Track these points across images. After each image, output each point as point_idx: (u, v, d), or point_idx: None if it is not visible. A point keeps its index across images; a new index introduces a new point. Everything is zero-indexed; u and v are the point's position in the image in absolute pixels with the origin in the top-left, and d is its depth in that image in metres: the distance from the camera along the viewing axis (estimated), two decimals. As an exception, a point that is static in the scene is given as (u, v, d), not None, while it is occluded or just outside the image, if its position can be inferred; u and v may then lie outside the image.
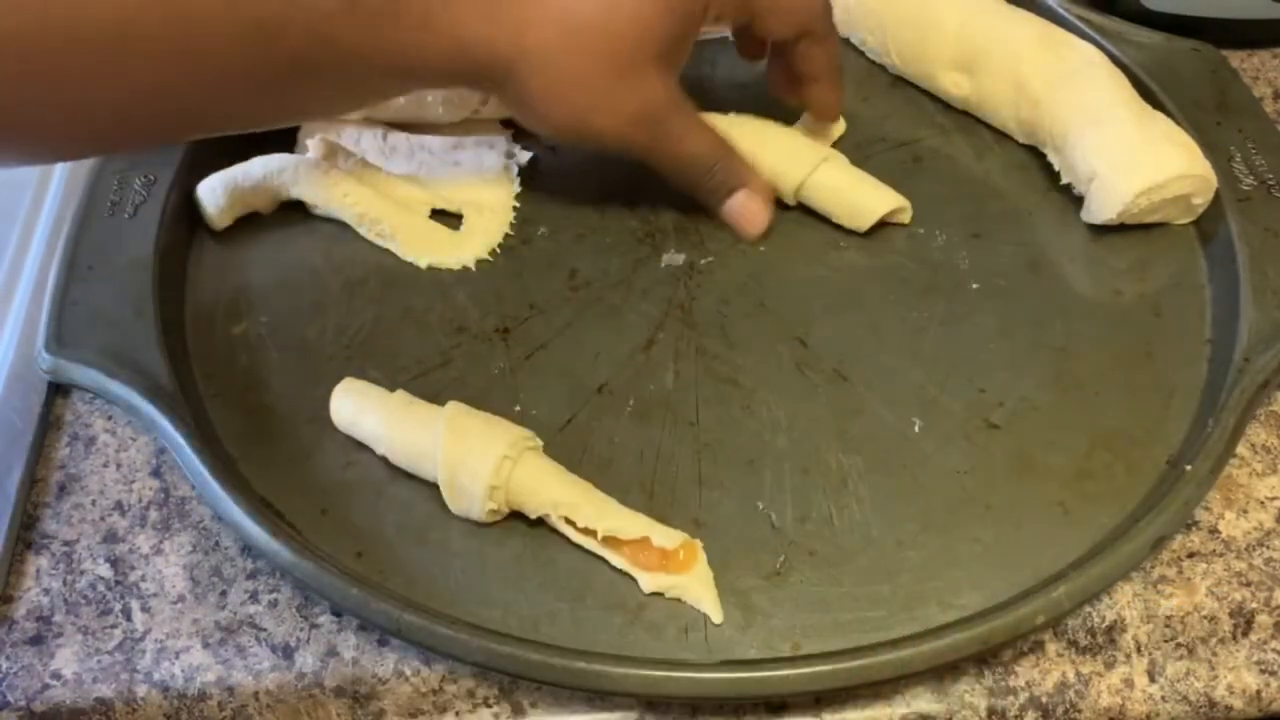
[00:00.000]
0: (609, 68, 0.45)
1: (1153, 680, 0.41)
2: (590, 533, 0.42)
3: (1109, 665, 0.41)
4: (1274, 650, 0.42)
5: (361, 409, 0.45)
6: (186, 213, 0.53)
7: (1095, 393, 0.47)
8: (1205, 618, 0.42)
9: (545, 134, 0.49)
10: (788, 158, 0.53)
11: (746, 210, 0.51)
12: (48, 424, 0.48)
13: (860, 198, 0.53)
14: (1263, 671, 0.41)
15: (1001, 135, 0.57)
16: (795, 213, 0.54)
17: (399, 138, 0.56)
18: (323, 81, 0.42)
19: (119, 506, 0.46)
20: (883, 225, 0.53)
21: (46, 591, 0.43)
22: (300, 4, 0.39)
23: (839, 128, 0.57)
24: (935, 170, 0.56)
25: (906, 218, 0.53)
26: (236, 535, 0.44)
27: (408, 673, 0.41)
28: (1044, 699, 0.41)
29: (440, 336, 0.50)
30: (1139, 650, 0.42)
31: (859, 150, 0.56)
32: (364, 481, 0.45)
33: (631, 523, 0.42)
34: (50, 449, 0.47)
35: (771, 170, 0.53)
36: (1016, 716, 0.41)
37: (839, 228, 0.53)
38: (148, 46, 0.37)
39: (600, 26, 0.44)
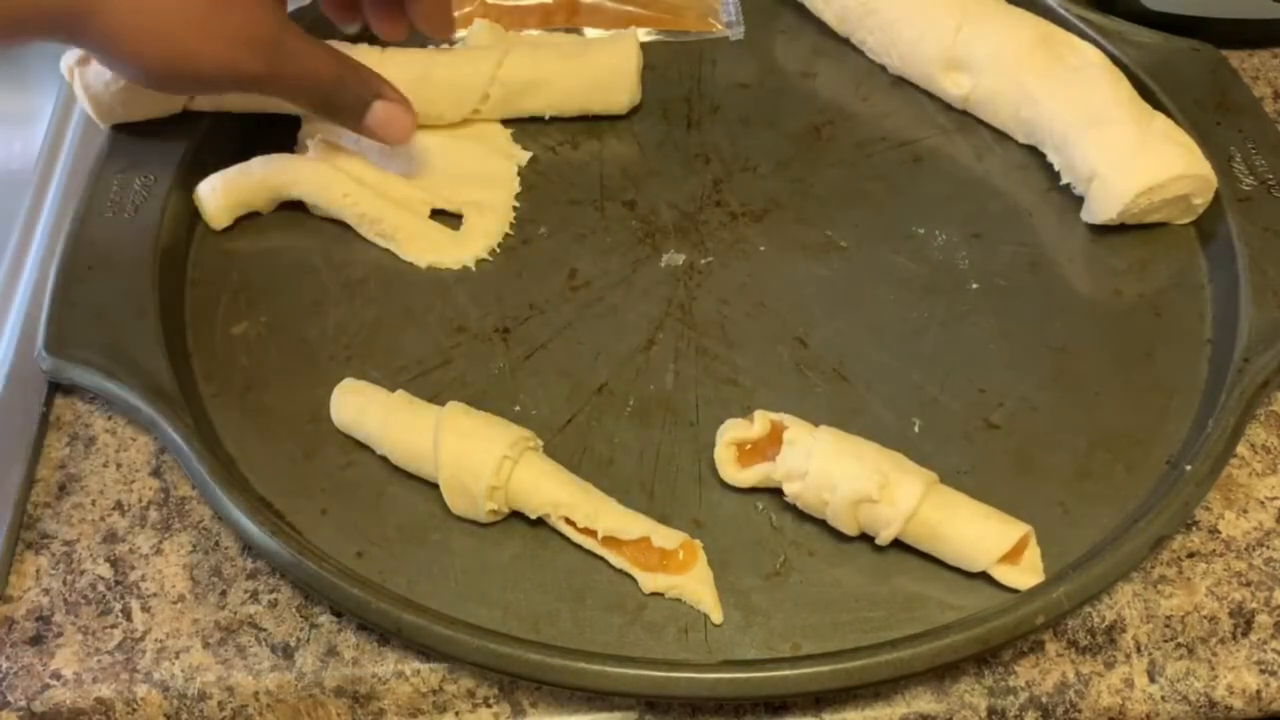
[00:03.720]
0: None
1: (1153, 680, 0.41)
2: (590, 533, 0.42)
3: (1109, 665, 0.41)
4: (1274, 650, 0.42)
5: (361, 409, 0.45)
6: (186, 213, 0.53)
7: (1095, 393, 0.47)
8: (1205, 618, 0.42)
9: (142, 78, 0.44)
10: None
11: (388, 118, 0.50)
12: (48, 424, 0.48)
13: (974, 533, 0.41)
14: (1263, 671, 0.41)
15: (1001, 135, 0.57)
16: (792, 212, 0.54)
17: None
18: None
19: (119, 506, 0.46)
20: (882, 226, 0.53)
21: (46, 591, 0.43)
22: None
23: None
24: (935, 170, 0.56)
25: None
26: (236, 535, 0.44)
27: (408, 673, 0.41)
28: (1044, 699, 0.41)
29: (440, 336, 0.50)
30: (1139, 650, 0.42)
31: (859, 150, 0.56)
32: (364, 481, 0.45)
33: (631, 523, 0.42)
34: (50, 449, 0.47)
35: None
36: (1016, 716, 0.41)
37: (838, 227, 0.53)
38: None
39: None
